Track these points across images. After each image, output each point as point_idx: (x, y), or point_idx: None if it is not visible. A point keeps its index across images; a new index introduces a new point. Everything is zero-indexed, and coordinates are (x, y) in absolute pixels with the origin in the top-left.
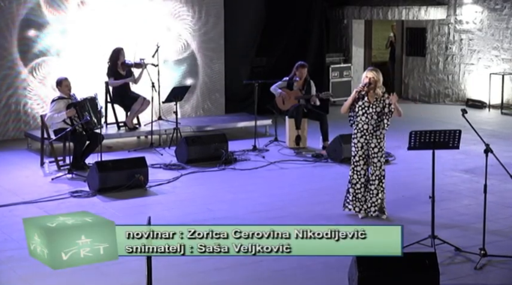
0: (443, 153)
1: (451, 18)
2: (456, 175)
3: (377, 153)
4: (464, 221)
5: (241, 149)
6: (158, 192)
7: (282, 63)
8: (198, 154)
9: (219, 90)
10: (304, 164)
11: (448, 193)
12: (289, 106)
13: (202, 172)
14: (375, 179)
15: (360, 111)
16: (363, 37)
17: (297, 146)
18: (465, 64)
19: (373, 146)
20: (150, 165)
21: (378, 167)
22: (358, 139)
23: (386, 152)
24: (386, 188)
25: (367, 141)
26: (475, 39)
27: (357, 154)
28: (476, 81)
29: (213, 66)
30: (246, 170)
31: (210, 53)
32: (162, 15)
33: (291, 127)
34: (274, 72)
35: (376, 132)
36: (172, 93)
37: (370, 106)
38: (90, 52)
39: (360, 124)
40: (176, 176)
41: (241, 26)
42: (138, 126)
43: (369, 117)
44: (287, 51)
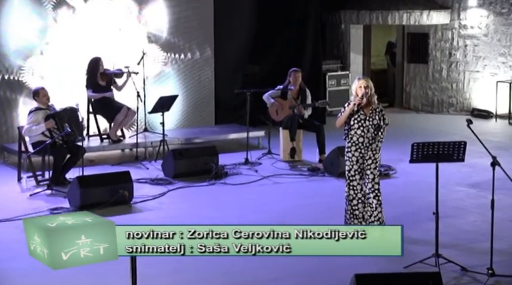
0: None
1: (455, 22)
2: (461, 190)
3: (370, 165)
4: (470, 238)
5: (233, 163)
6: (144, 209)
7: (276, 71)
8: (186, 168)
9: (209, 100)
10: (299, 179)
11: (453, 209)
12: (283, 116)
13: (190, 187)
14: (369, 193)
15: (355, 124)
16: (362, 43)
17: (292, 159)
18: (470, 72)
19: (367, 158)
20: (135, 180)
21: (370, 179)
22: (352, 153)
23: (386, 166)
24: (386, 204)
25: (362, 155)
26: (481, 45)
27: (352, 168)
28: (482, 89)
29: (202, 75)
30: (237, 185)
31: (198, 60)
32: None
33: (285, 139)
34: (268, 81)
35: (372, 145)
36: (159, 103)
37: (366, 119)
38: (70, 60)
39: (354, 137)
40: (163, 192)
41: (232, 32)
42: (123, 138)
43: (365, 131)
44: (281, 58)
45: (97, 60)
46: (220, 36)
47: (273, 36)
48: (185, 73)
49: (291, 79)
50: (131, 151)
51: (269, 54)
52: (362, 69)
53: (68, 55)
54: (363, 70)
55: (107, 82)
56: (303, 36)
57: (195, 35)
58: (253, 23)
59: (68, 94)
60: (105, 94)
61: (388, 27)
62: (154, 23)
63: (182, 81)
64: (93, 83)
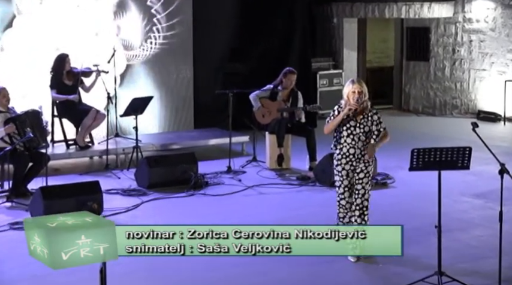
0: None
1: (459, 16)
2: (466, 201)
3: (362, 179)
4: (476, 254)
5: (214, 172)
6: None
7: (261, 69)
8: (162, 177)
9: (187, 101)
10: (287, 189)
11: (457, 221)
12: (270, 119)
13: (167, 198)
14: (354, 210)
15: (344, 132)
16: (356, 38)
17: (279, 167)
18: (476, 70)
19: (359, 172)
20: (105, 191)
21: (360, 195)
22: (343, 166)
23: (383, 174)
24: (383, 216)
25: (353, 168)
26: (487, 41)
27: (342, 184)
28: (489, 89)
29: (180, 74)
30: (219, 196)
31: (176, 58)
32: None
33: (272, 145)
34: (252, 80)
35: (364, 156)
36: (131, 105)
37: (357, 126)
38: (34, 57)
39: (344, 148)
40: (136, 204)
41: (213, 26)
42: (91, 145)
43: (355, 139)
44: (266, 55)
45: (64, 56)
46: (200, 32)
47: (258, 31)
48: (161, 73)
49: (284, 80)
50: (101, 158)
51: (253, 51)
52: (356, 67)
53: (32, 53)
54: (358, 69)
55: (73, 82)
56: (290, 31)
57: (171, 31)
58: (236, 17)
59: (31, 95)
60: (70, 96)
61: (385, 21)
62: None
63: (158, 81)
64: (57, 82)
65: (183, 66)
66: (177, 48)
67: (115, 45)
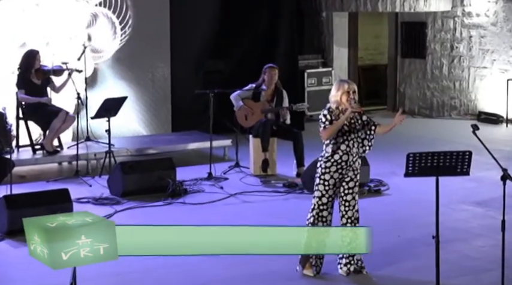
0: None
1: (458, 9)
2: (466, 209)
3: (352, 188)
4: (477, 267)
5: (193, 178)
6: None
7: (244, 67)
8: (137, 184)
9: (164, 102)
10: (273, 197)
11: (457, 231)
12: (253, 121)
13: (142, 207)
14: (346, 223)
15: (339, 138)
16: (347, 34)
17: (264, 173)
18: (476, 68)
19: (348, 180)
20: (76, 199)
21: (351, 206)
22: (331, 174)
23: (377, 180)
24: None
25: (342, 176)
26: (488, 36)
27: (326, 193)
28: (491, 89)
29: (156, 72)
30: (199, 205)
31: (152, 56)
32: (92, 9)
33: (256, 149)
34: (234, 79)
35: (355, 163)
36: (104, 107)
37: (351, 131)
38: None
39: (337, 155)
40: (109, 214)
41: (192, 22)
42: (60, 149)
43: (350, 146)
44: (250, 52)
45: (34, 53)
46: (178, 27)
47: (240, 27)
48: (136, 71)
49: (266, 77)
50: (70, 164)
51: (235, 47)
52: (347, 65)
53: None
54: (349, 67)
55: (42, 81)
56: (275, 26)
57: (146, 25)
58: (217, 11)
59: None
60: (43, 99)
61: (378, 16)
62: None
63: (132, 80)
64: (25, 81)
65: (159, 64)
66: (153, 44)
67: (85, 41)
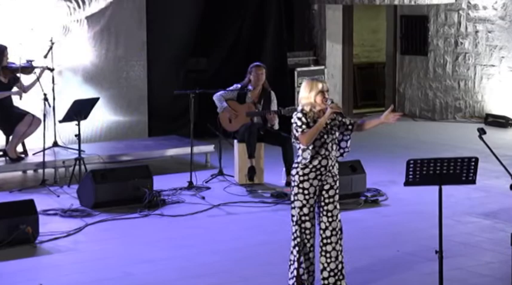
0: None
1: (463, 2)
2: (472, 221)
3: (333, 197)
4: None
5: (172, 188)
6: (53, 250)
7: (228, 65)
8: (110, 194)
9: (140, 104)
10: (260, 208)
11: (462, 246)
12: (238, 125)
13: (116, 220)
14: (330, 236)
15: (317, 141)
16: (341, 29)
17: (251, 182)
18: (483, 66)
19: (328, 188)
20: (42, 211)
21: (335, 217)
22: (311, 181)
23: (374, 190)
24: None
25: (321, 184)
26: (496, 31)
27: (307, 203)
28: (499, 89)
29: (131, 71)
30: (178, 217)
31: (126, 53)
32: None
33: (242, 156)
34: (218, 78)
35: (333, 168)
36: (73, 109)
37: (329, 133)
38: None
39: (315, 160)
40: (79, 227)
41: (171, 16)
42: (24, 156)
43: (329, 149)
44: (235, 49)
45: (2, 49)
46: (155, 22)
47: (224, 21)
48: (109, 70)
49: (252, 77)
50: (36, 172)
51: (219, 44)
52: (341, 62)
53: None
54: (343, 65)
55: (9, 80)
56: (262, 20)
57: (121, 19)
58: (198, 4)
59: None
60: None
61: (375, 8)
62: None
63: (105, 80)
64: None
65: (135, 62)
66: (128, 40)
67: (53, 37)
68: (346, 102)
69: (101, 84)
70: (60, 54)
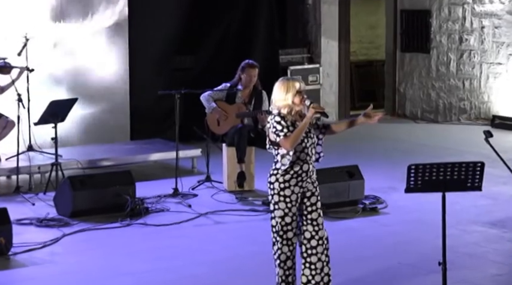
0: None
1: None
2: (478, 230)
3: (315, 204)
4: None
5: (156, 195)
6: (28, 262)
7: (217, 63)
8: (90, 202)
9: (122, 105)
10: (251, 216)
11: (467, 257)
12: (227, 127)
13: (95, 230)
14: (316, 245)
15: (298, 146)
16: (337, 24)
17: (240, 188)
18: (489, 64)
19: (309, 196)
20: (16, 221)
21: (320, 225)
22: (292, 189)
23: (372, 197)
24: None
25: (303, 190)
26: (503, 27)
27: (290, 212)
28: (506, 88)
29: (112, 70)
30: (162, 227)
31: (106, 50)
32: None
33: (231, 160)
34: (205, 77)
35: (313, 174)
36: (49, 110)
37: (307, 136)
38: None
39: (297, 165)
40: (56, 238)
41: (156, 10)
42: None
43: (309, 154)
44: (223, 45)
45: None
46: (138, 17)
47: (212, 16)
48: (87, 68)
49: (243, 77)
50: (9, 179)
51: (207, 40)
52: (338, 60)
53: None
54: (339, 63)
55: None
56: (253, 15)
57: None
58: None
59: None
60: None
61: (374, 2)
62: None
63: (83, 79)
64: None
65: (115, 60)
66: (108, 37)
67: (27, 33)
68: (342, 102)
69: (79, 83)
70: (35, 52)
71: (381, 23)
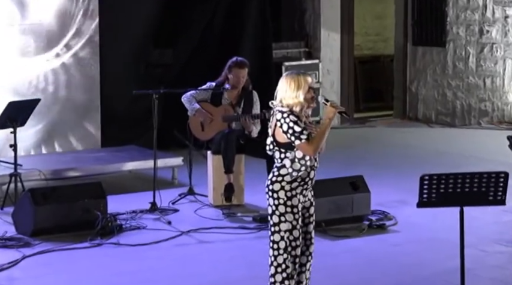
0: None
1: None
2: (502, 251)
3: (313, 215)
4: None
5: (131, 210)
6: None
7: (200, 59)
8: (54, 219)
9: (92, 107)
10: (240, 235)
11: (489, 282)
12: (213, 132)
13: (61, 250)
14: (306, 262)
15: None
16: (339, 14)
17: (228, 203)
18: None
19: (309, 206)
20: None
21: (313, 239)
22: (298, 197)
23: (380, 212)
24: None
25: (304, 199)
26: None
27: (298, 224)
28: None
29: (81, 68)
30: (138, 247)
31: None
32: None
33: (217, 170)
34: (187, 76)
35: (313, 181)
36: (7, 113)
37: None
38: None
39: (305, 171)
40: (15, 260)
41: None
42: None
43: (317, 159)
44: (208, 39)
45: None
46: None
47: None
48: (53, 67)
49: (231, 76)
50: None
51: (188, 33)
52: (340, 55)
53: None
54: (341, 58)
55: None
56: (242, 2)
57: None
58: None
59: None
60: None
61: None
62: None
63: (47, 79)
64: None
65: (84, 56)
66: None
67: None
68: (345, 103)
69: (43, 83)
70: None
71: (389, 12)
